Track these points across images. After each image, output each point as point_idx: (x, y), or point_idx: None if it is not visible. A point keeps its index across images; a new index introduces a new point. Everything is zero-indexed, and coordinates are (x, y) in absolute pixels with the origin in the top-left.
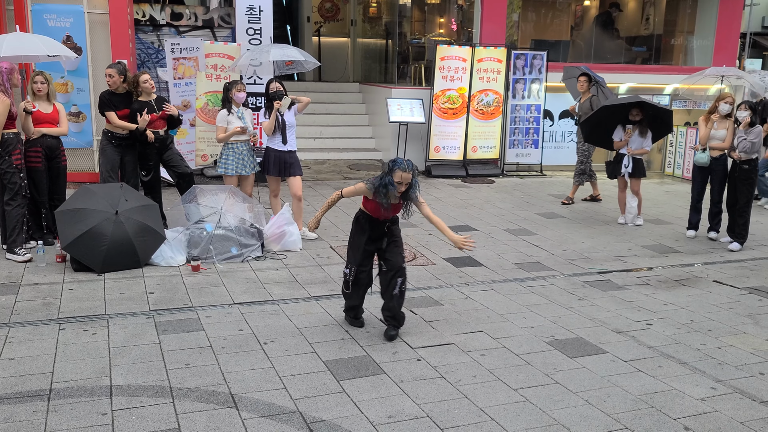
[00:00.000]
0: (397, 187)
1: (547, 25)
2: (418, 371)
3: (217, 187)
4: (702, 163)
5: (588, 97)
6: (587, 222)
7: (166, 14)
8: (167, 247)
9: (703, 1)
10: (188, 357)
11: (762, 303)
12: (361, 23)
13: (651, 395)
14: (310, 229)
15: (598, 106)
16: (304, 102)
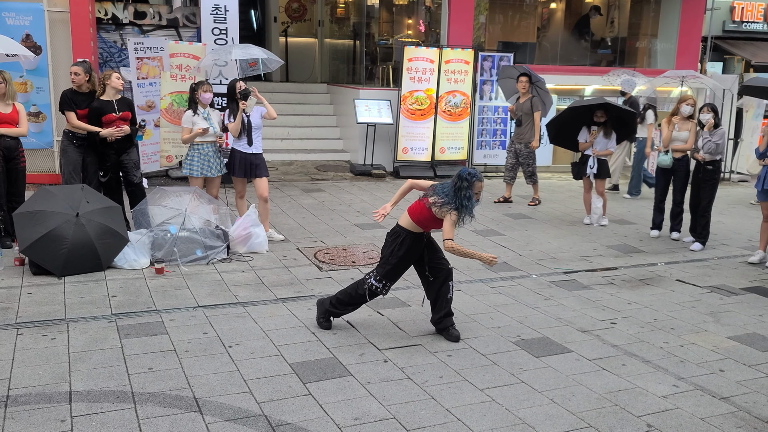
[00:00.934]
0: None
1: (514, 27)
2: (384, 372)
3: (182, 189)
4: (665, 164)
5: (528, 98)
6: (554, 222)
7: (129, 13)
8: (130, 250)
9: (666, 5)
10: (151, 361)
11: (723, 301)
12: (328, 24)
13: (615, 393)
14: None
15: (537, 106)
16: (270, 116)
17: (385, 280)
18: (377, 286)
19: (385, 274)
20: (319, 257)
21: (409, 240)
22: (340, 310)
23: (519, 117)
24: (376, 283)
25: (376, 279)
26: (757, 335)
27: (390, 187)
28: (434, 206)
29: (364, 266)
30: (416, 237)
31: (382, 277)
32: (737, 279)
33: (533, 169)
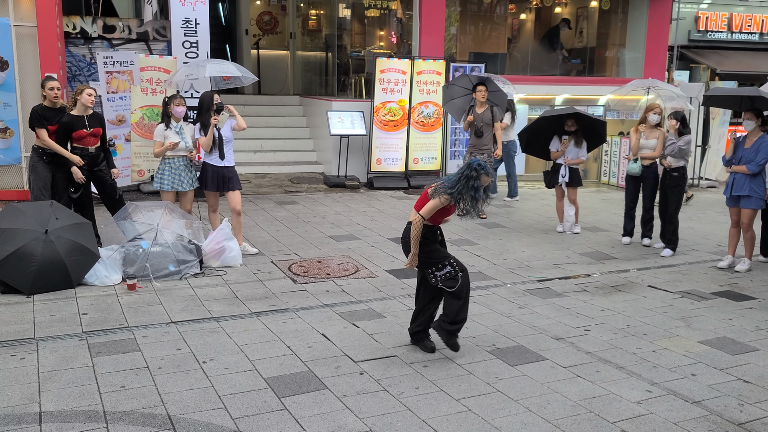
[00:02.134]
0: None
1: (485, 38)
2: (360, 385)
3: (154, 203)
4: (634, 172)
5: (487, 108)
6: (527, 231)
7: (98, 27)
8: (101, 266)
9: (633, 16)
10: (123, 379)
11: (694, 306)
12: (300, 36)
13: (589, 400)
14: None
15: (498, 116)
16: (240, 127)
17: (444, 260)
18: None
19: (439, 259)
20: (294, 270)
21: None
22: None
23: (480, 128)
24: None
25: (440, 268)
26: (727, 339)
27: (364, 198)
28: (435, 192)
29: (338, 278)
30: (432, 228)
31: (440, 263)
32: (707, 284)
33: (494, 179)
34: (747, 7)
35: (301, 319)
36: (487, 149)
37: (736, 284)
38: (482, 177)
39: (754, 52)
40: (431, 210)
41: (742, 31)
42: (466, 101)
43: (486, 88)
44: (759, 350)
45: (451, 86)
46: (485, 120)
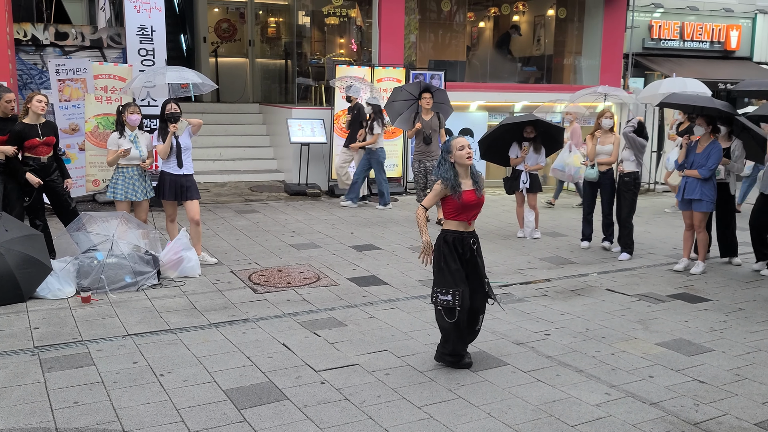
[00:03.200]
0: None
1: (444, 46)
2: (321, 395)
3: (108, 214)
4: (591, 178)
5: (434, 114)
6: (488, 237)
7: (49, 34)
8: (54, 279)
9: (589, 24)
10: (77, 395)
11: (651, 309)
12: (259, 43)
13: (550, 404)
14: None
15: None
16: (196, 124)
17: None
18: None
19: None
20: (254, 279)
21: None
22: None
23: (428, 135)
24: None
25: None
26: (683, 340)
27: (325, 206)
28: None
29: (299, 287)
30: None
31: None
32: (664, 286)
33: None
34: (698, 16)
35: (261, 329)
36: (435, 156)
37: (692, 286)
38: (451, 143)
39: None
40: (432, 199)
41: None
42: (405, 105)
43: (432, 95)
44: (713, 351)
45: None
46: (433, 127)
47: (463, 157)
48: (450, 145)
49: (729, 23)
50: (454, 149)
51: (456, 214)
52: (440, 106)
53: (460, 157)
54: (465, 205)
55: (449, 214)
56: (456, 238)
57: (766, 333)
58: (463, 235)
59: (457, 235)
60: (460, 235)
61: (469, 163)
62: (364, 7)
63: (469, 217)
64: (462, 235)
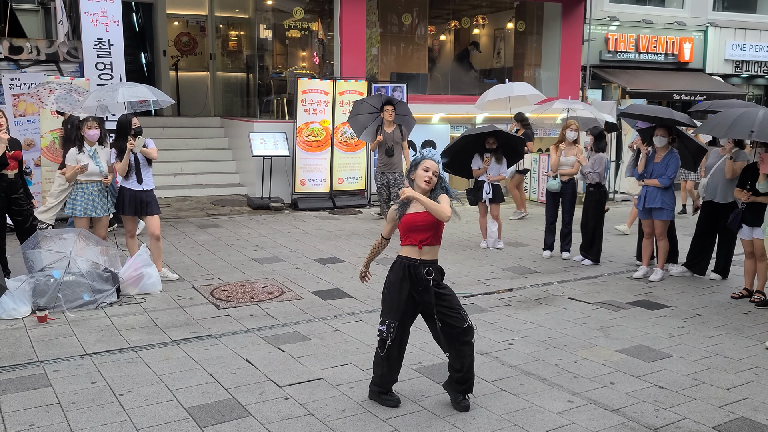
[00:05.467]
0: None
1: (406, 59)
2: (285, 410)
3: (66, 230)
4: (554, 189)
5: (396, 127)
6: (452, 248)
7: (3, 48)
8: (8, 298)
9: (547, 37)
10: (32, 417)
11: (611, 316)
12: (220, 57)
13: (513, 413)
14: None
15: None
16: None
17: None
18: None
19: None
20: (216, 295)
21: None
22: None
23: (391, 147)
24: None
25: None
26: (643, 347)
27: (289, 219)
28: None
29: (263, 302)
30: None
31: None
32: (624, 294)
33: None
34: (652, 29)
35: (224, 345)
36: (397, 168)
37: (651, 293)
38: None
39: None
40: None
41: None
42: (369, 119)
43: (393, 107)
44: (672, 356)
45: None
46: (395, 139)
47: (421, 179)
48: (418, 162)
49: (682, 36)
50: (419, 167)
51: (404, 238)
52: (403, 119)
53: (419, 177)
54: (407, 227)
55: (401, 238)
56: (408, 265)
57: (722, 338)
58: (416, 263)
59: (410, 262)
60: (413, 263)
61: (425, 188)
62: (326, 20)
63: (416, 240)
64: (414, 263)
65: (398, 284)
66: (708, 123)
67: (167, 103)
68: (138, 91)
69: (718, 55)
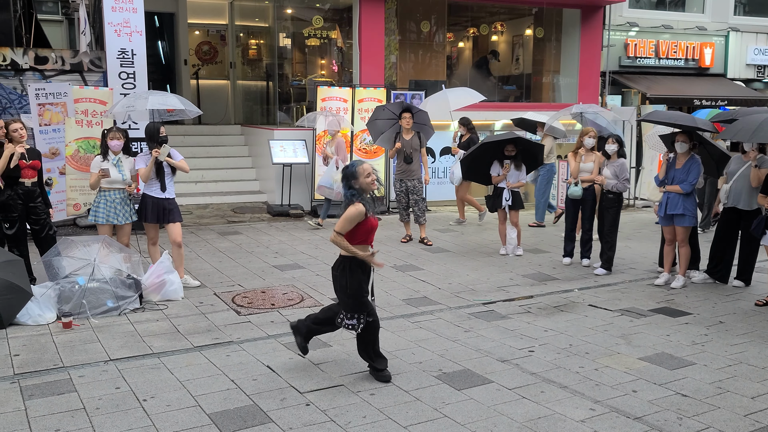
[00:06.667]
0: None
1: (424, 66)
2: (307, 416)
3: (90, 238)
4: (576, 195)
5: (414, 134)
6: (471, 255)
7: (29, 58)
8: (34, 305)
9: (566, 43)
10: (58, 422)
11: (633, 323)
12: (240, 65)
13: (535, 421)
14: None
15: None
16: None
17: (358, 313)
18: (352, 324)
19: (353, 308)
20: (237, 301)
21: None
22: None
23: (409, 154)
24: (350, 321)
25: (349, 318)
26: (665, 354)
27: (308, 226)
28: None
29: (283, 308)
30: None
31: (352, 313)
32: (645, 301)
33: (424, 206)
34: (672, 34)
35: (246, 352)
36: (416, 175)
37: (673, 300)
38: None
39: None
40: (346, 224)
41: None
42: (387, 124)
43: (412, 115)
44: (695, 364)
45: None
46: (413, 146)
47: (370, 186)
48: (356, 172)
49: (703, 41)
50: (361, 177)
51: (364, 239)
52: (422, 127)
53: (368, 185)
54: (371, 229)
55: (357, 239)
56: (360, 262)
57: (746, 345)
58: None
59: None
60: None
61: (374, 189)
62: (345, 28)
63: (371, 241)
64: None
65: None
66: (732, 128)
67: (195, 113)
68: (167, 100)
69: (740, 60)
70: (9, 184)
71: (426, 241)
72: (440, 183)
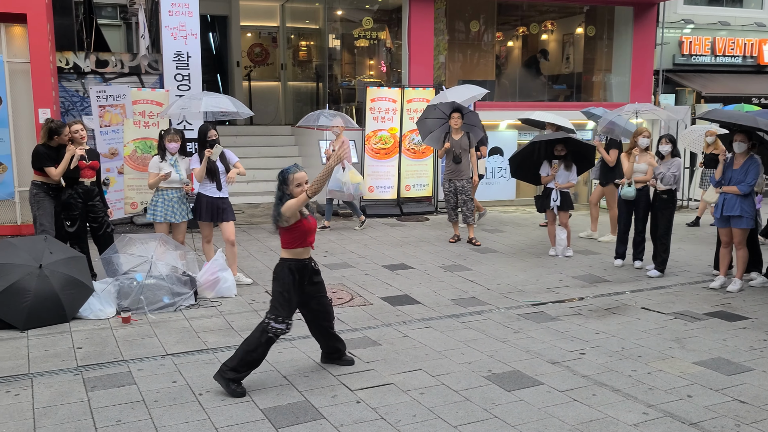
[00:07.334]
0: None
1: (473, 66)
2: (357, 414)
3: (147, 236)
4: (629, 196)
5: (463, 134)
6: (520, 255)
7: (90, 62)
8: (96, 300)
9: (618, 41)
10: (119, 413)
11: (687, 327)
12: (291, 67)
13: (586, 424)
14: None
15: (473, 142)
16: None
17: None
18: (277, 328)
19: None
20: None
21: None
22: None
23: (458, 154)
24: (276, 325)
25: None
26: (722, 359)
27: (357, 225)
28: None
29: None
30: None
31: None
32: (700, 304)
33: (473, 206)
34: (729, 31)
35: (297, 349)
36: (465, 175)
37: (729, 304)
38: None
39: (737, 75)
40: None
41: (726, 55)
42: (437, 124)
43: (461, 115)
44: (754, 370)
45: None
46: (462, 146)
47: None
48: (287, 179)
49: (762, 37)
50: (291, 185)
51: (300, 241)
52: (471, 128)
53: (297, 194)
54: (309, 230)
55: (292, 243)
56: (299, 266)
57: None
58: (305, 262)
59: (300, 263)
60: (302, 263)
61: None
62: (393, 29)
63: (311, 241)
64: (304, 263)
65: (297, 286)
66: None
67: (246, 114)
68: (220, 101)
69: None
70: (69, 183)
71: (474, 241)
72: (489, 183)
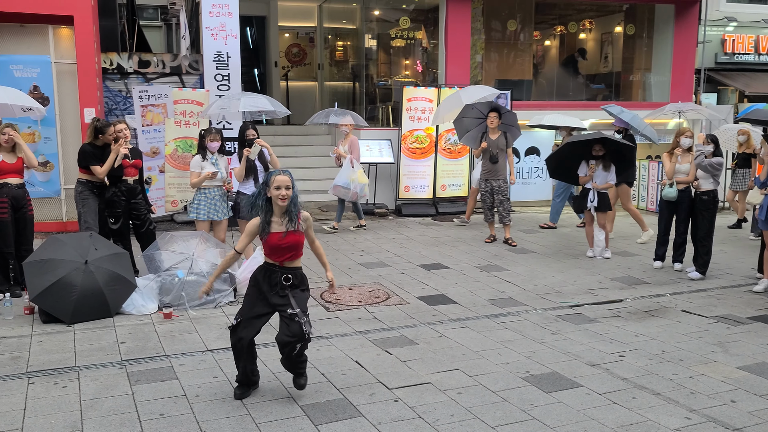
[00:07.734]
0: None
1: (510, 65)
2: (395, 412)
3: (188, 233)
4: (671, 197)
5: (501, 134)
6: (557, 256)
7: (133, 62)
8: (138, 296)
9: (659, 40)
10: (162, 407)
11: (730, 331)
12: (328, 67)
13: (627, 427)
14: (200, 296)
15: (510, 142)
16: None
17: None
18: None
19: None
20: (326, 298)
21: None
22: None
23: (495, 154)
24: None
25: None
26: (766, 365)
27: (393, 225)
28: None
29: (370, 305)
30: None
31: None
32: (743, 308)
33: (509, 206)
34: None
35: (334, 347)
36: (501, 175)
37: None
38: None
39: None
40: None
41: None
42: (474, 123)
43: (499, 115)
44: None
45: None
46: (500, 146)
47: (276, 198)
48: (269, 180)
49: None
50: (271, 186)
51: (268, 253)
52: (509, 128)
53: (274, 197)
54: (272, 248)
55: (265, 251)
56: (267, 271)
57: None
58: (274, 269)
59: (269, 269)
60: (271, 269)
61: (281, 205)
62: (430, 28)
63: (281, 258)
64: (272, 269)
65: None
66: None
67: (284, 113)
68: (258, 101)
69: None
70: (113, 182)
71: (510, 241)
72: (525, 183)
